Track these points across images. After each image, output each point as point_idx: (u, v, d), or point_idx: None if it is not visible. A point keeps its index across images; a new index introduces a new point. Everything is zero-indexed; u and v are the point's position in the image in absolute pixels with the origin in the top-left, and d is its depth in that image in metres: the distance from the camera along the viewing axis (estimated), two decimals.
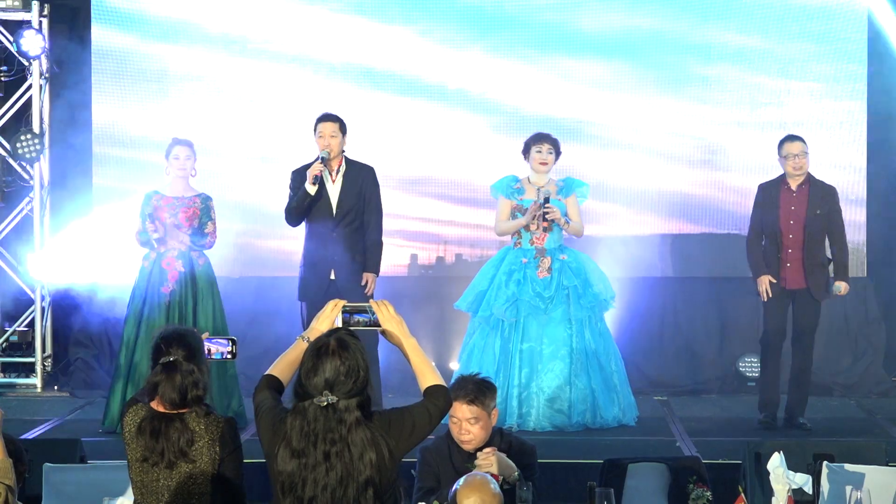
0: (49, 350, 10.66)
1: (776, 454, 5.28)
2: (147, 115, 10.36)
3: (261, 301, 10.30)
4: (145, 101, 10.38)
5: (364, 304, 4.49)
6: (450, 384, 5.26)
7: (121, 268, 9.71)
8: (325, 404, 4.14)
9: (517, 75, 10.37)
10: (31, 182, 10.55)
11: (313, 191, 8.45)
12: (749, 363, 10.19)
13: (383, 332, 4.47)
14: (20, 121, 10.58)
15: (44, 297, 10.59)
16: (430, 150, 10.43)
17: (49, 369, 10.61)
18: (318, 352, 4.18)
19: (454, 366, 9.19)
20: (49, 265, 10.39)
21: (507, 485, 5.31)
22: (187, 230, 8.76)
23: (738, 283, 9.97)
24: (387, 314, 4.46)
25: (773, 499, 5.26)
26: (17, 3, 10.49)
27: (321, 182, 8.51)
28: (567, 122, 10.24)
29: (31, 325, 10.63)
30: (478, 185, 10.08)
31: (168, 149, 8.86)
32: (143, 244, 8.85)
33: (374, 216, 8.65)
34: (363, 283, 8.58)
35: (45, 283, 10.51)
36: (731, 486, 6.09)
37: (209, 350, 4.84)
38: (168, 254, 8.78)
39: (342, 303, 4.51)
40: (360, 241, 8.63)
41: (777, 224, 8.69)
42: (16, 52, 10.46)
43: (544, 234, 8.79)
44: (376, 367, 8.22)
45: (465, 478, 4.55)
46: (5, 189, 10.69)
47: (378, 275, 8.68)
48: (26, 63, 10.50)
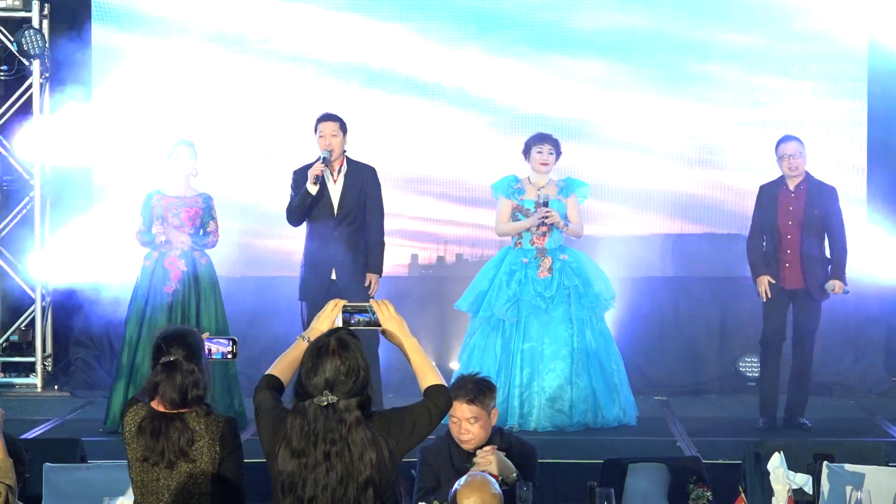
0: (49, 350, 10.65)
1: (776, 454, 5.28)
2: (147, 114, 10.35)
3: (261, 301, 10.30)
4: (145, 101, 10.37)
5: (364, 304, 4.49)
6: (450, 384, 5.26)
7: (121, 267, 9.71)
8: (326, 404, 4.14)
9: (517, 74, 10.35)
10: (32, 182, 10.55)
11: (314, 190, 8.44)
12: (749, 363, 10.19)
13: (383, 331, 4.47)
14: (20, 121, 10.57)
15: (44, 297, 10.58)
16: (429, 149, 10.41)
17: (49, 369, 10.60)
18: (319, 352, 4.18)
19: (454, 366, 9.19)
20: (49, 265, 10.39)
21: (506, 485, 5.30)
22: (190, 230, 8.76)
23: (738, 283, 9.97)
24: (387, 314, 4.46)
25: (773, 499, 5.26)
26: (17, 2, 10.49)
27: (322, 182, 8.51)
28: (567, 121, 10.23)
29: (31, 325, 10.62)
30: (477, 185, 10.08)
31: (170, 149, 8.87)
32: (143, 244, 8.85)
33: (375, 216, 8.65)
34: (366, 283, 8.57)
35: (45, 283, 10.51)
36: (731, 486, 6.09)
37: (210, 350, 4.84)
38: (170, 253, 8.78)
39: (342, 302, 4.51)
40: (361, 241, 8.62)
41: (775, 224, 8.70)
42: (16, 52, 10.47)
43: (544, 234, 8.80)
44: (376, 366, 8.22)
45: (466, 478, 4.54)
46: (5, 188, 10.70)
47: (381, 275, 8.68)
48: (26, 63, 10.50)
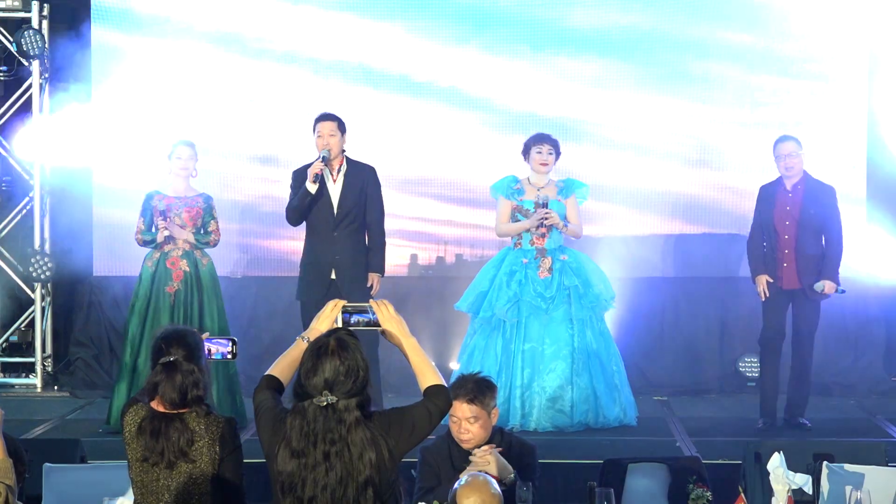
0: (49, 350, 10.65)
1: (776, 454, 5.28)
2: (147, 114, 10.35)
3: (261, 301, 10.31)
4: (145, 101, 10.37)
5: (364, 304, 4.49)
6: (450, 384, 5.26)
7: (122, 267, 9.70)
8: (325, 404, 4.14)
9: (516, 74, 10.35)
10: (32, 182, 10.55)
11: (314, 189, 8.43)
12: (749, 363, 10.19)
13: (383, 332, 4.47)
14: (20, 121, 10.57)
15: (44, 297, 10.59)
16: (428, 149, 10.40)
17: (49, 369, 10.60)
18: (318, 352, 4.18)
19: (454, 366, 9.18)
20: (49, 264, 10.38)
21: (503, 485, 5.29)
22: (191, 229, 8.77)
23: (738, 283, 9.98)
24: (387, 314, 4.46)
25: (773, 499, 5.26)
26: (17, 2, 10.49)
27: (322, 182, 8.49)
28: (567, 121, 10.23)
29: (31, 325, 10.63)
30: (477, 185, 10.07)
31: (170, 149, 8.87)
32: (144, 244, 8.85)
33: (376, 216, 8.63)
34: (368, 283, 8.56)
35: (45, 283, 10.50)
36: (731, 486, 6.09)
37: (210, 350, 4.84)
38: (172, 254, 8.78)
39: (342, 303, 4.51)
40: (360, 241, 8.62)
41: (772, 223, 8.70)
42: (15, 52, 10.46)
43: (544, 235, 8.79)
44: (376, 366, 8.21)
45: (466, 478, 4.54)
46: (5, 188, 10.70)
47: (383, 275, 8.68)
48: (26, 63, 10.50)
